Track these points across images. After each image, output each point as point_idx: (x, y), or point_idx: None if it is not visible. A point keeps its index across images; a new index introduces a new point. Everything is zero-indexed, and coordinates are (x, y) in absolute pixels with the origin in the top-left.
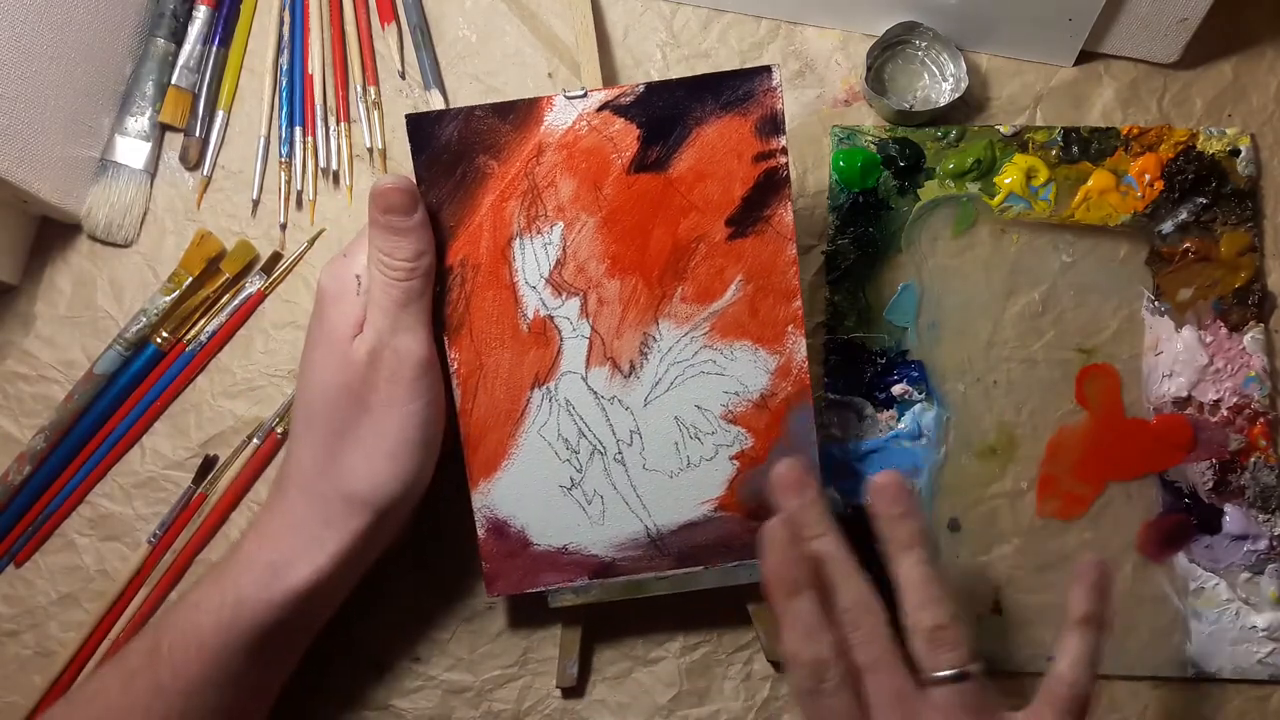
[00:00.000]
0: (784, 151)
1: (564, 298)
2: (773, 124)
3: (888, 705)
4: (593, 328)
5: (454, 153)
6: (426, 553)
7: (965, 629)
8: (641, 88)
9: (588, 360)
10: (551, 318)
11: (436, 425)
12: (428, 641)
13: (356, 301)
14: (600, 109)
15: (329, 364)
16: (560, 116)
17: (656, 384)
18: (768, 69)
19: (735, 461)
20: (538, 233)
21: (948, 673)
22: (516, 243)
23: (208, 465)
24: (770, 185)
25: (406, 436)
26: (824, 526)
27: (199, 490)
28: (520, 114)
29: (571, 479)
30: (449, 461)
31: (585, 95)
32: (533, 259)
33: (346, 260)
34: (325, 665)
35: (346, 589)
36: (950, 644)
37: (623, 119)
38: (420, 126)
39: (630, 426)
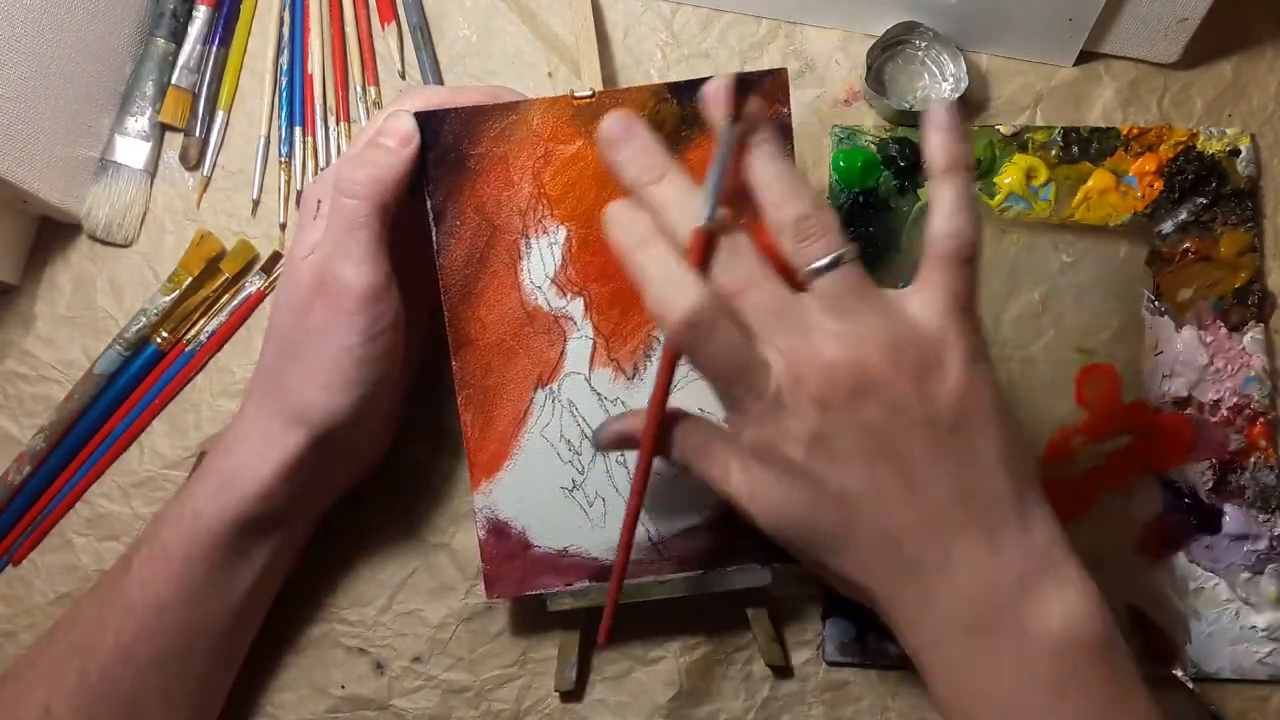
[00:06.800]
0: (791, 155)
1: (568, 298)
2: (781, 128)
3: (771, 321)
4: (597, 329)
5: (461, 151)
6: (427, 552)
7: (831, 213)
8: (649, 89)
9: (591, 361)
10: (556, 318)
11: (379, 366)
12: (428, 641)
13: (314, 225)
14: (608, 110)
15: (283, 284)
16: (568, 117)
17: None
18: (776, 72)
19: None
20: (543, 232)
21: (822, 263)
22: (522, 242)
23: None
24: None
25: (343, 372)
26: (664, 166)
27: None
28: (528, 113)
29: (573, 481)
30: (453, 460)
31: (593, 96)
32: (538, 258)
33: (315, 185)
34: (325, 665)
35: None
36: (818, 232)
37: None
38: (428, 124)
39: None
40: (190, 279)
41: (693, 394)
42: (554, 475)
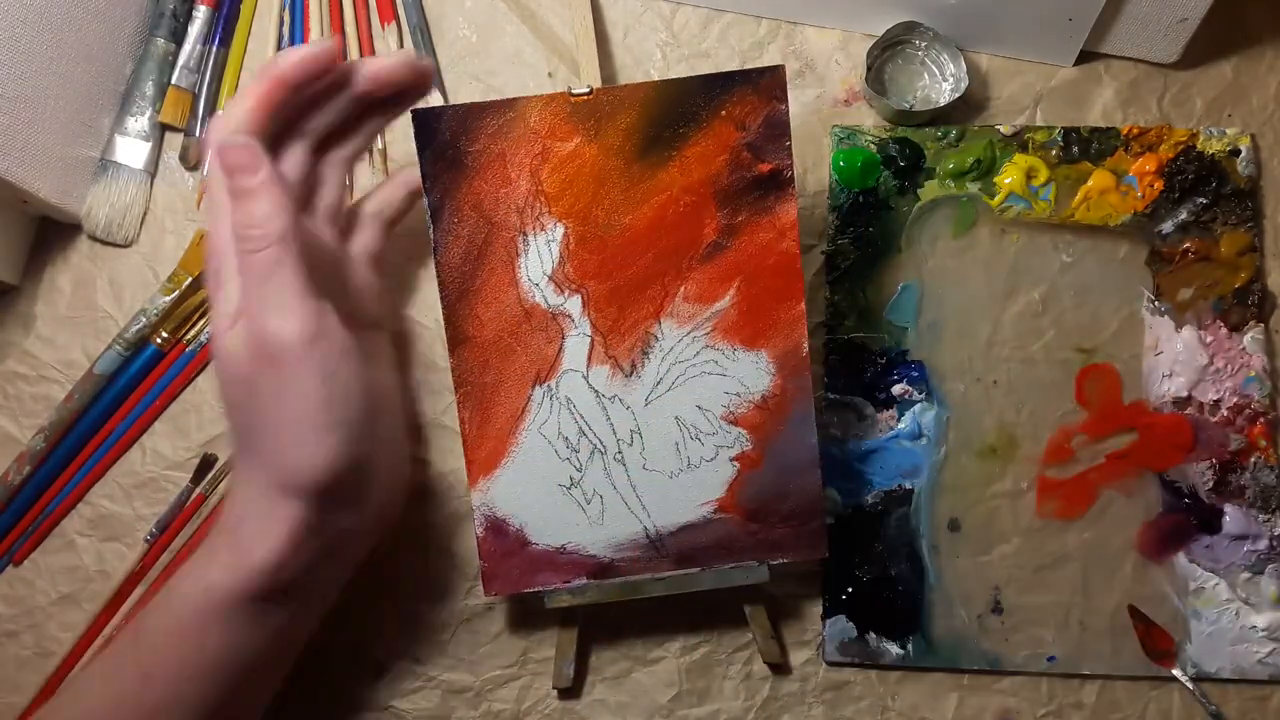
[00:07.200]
0: (789, 152)
1: (566, 295)
2: (778, 125)
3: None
4: (594, 325)
5: (459, 148)
6: (426, 552)
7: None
8: (646, 86)
9: (589, 358)
10: (553, 315)
11: (348, 402)
12: (428, 641)
13: (224, 292)
14: (605, 107)
15: (220, 365)
16: (565, 114)
17: (658, 383)
18: (774, 69)
19: (736, 463)
20: (540, 229)
21: None
22: (520, 239)
23: (206, 464)
24: (774, 186)
25: (312, 423)
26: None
27: (198, 490)
28: (525, 111)
29: (571, 478)
30: (452, 460)
31: (590, 93)
32: (535, 256)
33: (208, 255)
34: (325, 666)
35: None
36: None
37: (628, 117)
38: (426, 121)
39: (631, 426)
40: (190, 279)
41: (683, 393)
42: (552, 472)
